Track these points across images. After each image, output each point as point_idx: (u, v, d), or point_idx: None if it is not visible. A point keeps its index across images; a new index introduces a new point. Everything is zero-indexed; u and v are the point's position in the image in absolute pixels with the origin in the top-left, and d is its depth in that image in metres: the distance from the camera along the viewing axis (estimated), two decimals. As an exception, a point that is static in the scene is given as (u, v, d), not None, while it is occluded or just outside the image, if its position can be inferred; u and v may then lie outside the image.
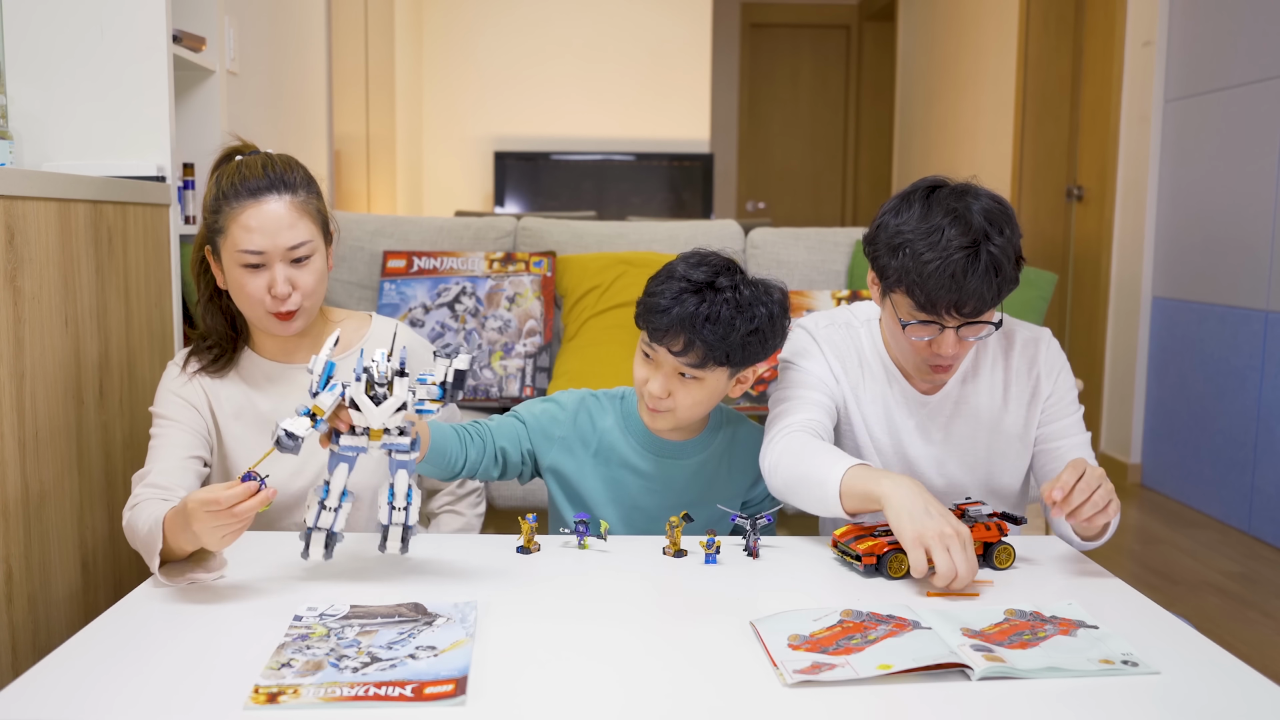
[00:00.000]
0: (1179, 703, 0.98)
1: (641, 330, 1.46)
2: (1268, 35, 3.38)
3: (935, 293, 1.35)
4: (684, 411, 1.46)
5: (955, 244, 1.34)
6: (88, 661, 1.03)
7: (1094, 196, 4.43)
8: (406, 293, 2.60)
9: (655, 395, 1.44)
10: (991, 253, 1.34)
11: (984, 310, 1.38)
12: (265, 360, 1.59)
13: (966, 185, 1.42)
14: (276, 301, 1.48)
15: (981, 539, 1.34)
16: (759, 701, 0.96)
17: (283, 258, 1.48)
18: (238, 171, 1.50)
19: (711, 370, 1.42)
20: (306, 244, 1.49)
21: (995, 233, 1.36)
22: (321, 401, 1.18)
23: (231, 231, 1.47)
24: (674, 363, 1.42)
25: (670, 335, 1.40)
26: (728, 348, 1.40)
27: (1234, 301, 3.52)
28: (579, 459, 1.54)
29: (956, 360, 1.46)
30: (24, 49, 2.10)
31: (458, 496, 1.75)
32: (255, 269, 1.47)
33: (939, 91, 6.13)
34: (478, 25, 6.04)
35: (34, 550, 1.57)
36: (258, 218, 1.46)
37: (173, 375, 1.58)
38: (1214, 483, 3.61)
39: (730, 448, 1.57)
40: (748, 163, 7.79)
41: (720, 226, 2.91)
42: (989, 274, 1.34)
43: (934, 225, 1.36)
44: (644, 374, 1.46)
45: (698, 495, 1.54)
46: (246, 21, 2.88)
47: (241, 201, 1.47)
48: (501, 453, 1.51)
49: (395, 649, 1.04)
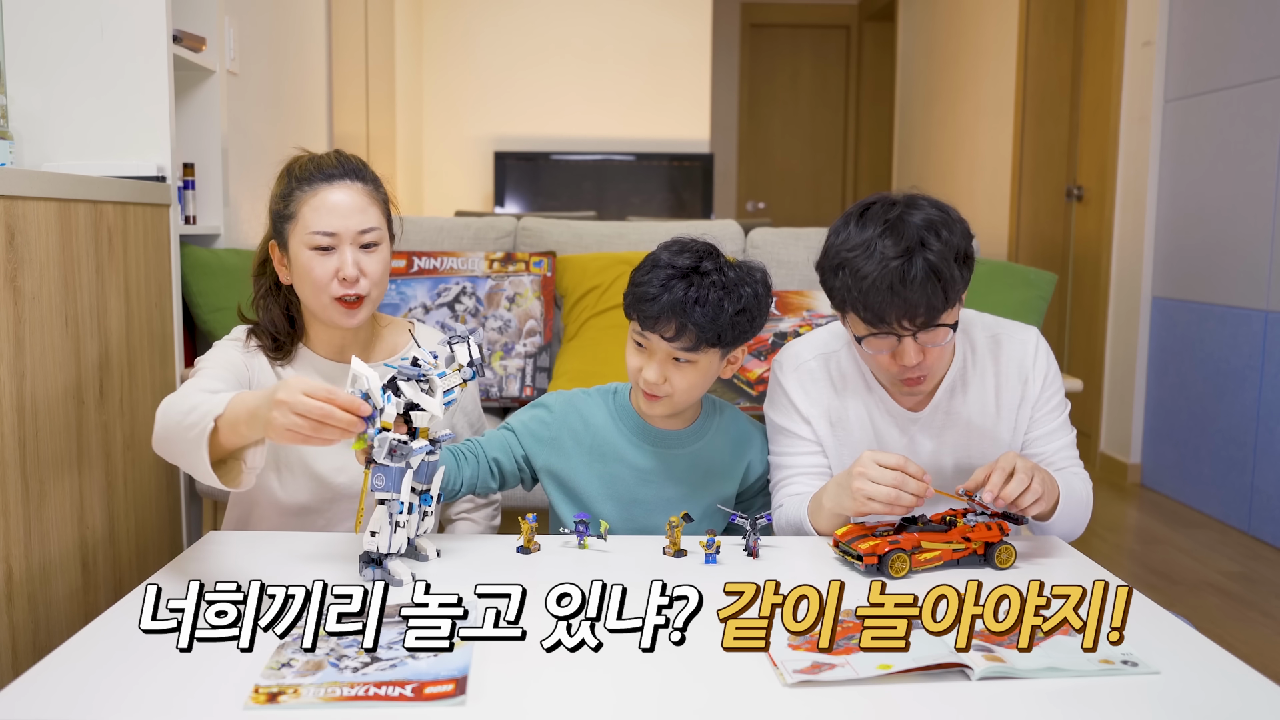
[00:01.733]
0: (1179, 703, 0.98)
1: (631, 320, 1.48)
2: (1268, 35, 3.38)
3: (878, 306, 1.36)
4: (680, 395, 1.48)
5: (890, 254, 1.34)
6: (88, 661, 1.03)
7: (1094, 196, 4.43)
8: (406, 293, 2.60)
9: (651, 382, 1.46)
10: (928, 259, 1.34)
11: (935, 316, 1.38)
12: (321, 358, 1.59)
13: (909, 197, 1.42)
14: (344, 285, 1.49)
15: (983, 539, 1.34)
16: (759, 701, 0.96)
17: (353, 241, 1.50)
18: (312, 161, 1.53)
19: (704, 352, 1.45)
20: (375, 230, 1.52)
21: (932, 237, 1.35)
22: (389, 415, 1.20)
23: (303, 214, 1.49)
24: (667, 348, 1.44)
25: (662, 322, 1.42)
26: (718, 329, 1.42)
27: (1233, 301, 3.53)
28: (571, 458, 1.55)
29: (927, 369, 1.44)
30: (24, 49, 2.11)
31: (476, 505, 1.76)
32: (325, 251, 1.49)
33: (939, 91, 6.13)
34: (478, 25, 6.04)
35: (34, 550, 1.57)
36: (331, 200, 1.50)
37: (232, 343, 1.56)
38: (1214, 483, 3.61)
39: (723, 434, 1.58)
40: (748, 163, 7.79)
41: (720, 226, 2.91)
42: (929, 280, 1.34)
43: (867, 239, 1.37)
44: (638, 362, 1.48)
45: (696, 484, 1.55)
46: (246, 21, 2.88)
47: (314, 185, 1.50)
48: (495, 464, 1.54)
49: (395, 649, 1.04)
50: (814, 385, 1.56)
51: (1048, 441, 1.55)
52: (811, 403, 1.55)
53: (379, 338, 1.64)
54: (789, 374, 1.57)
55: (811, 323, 2.54)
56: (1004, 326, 1.58)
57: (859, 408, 1.54)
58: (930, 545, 1.32)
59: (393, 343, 1.65)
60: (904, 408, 1.53)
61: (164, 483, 2.08)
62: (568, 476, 1.55)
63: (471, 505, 1.75)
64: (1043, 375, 1.54)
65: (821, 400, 1.55)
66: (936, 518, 1.36)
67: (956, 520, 1.35)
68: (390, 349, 1.64)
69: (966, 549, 1.33)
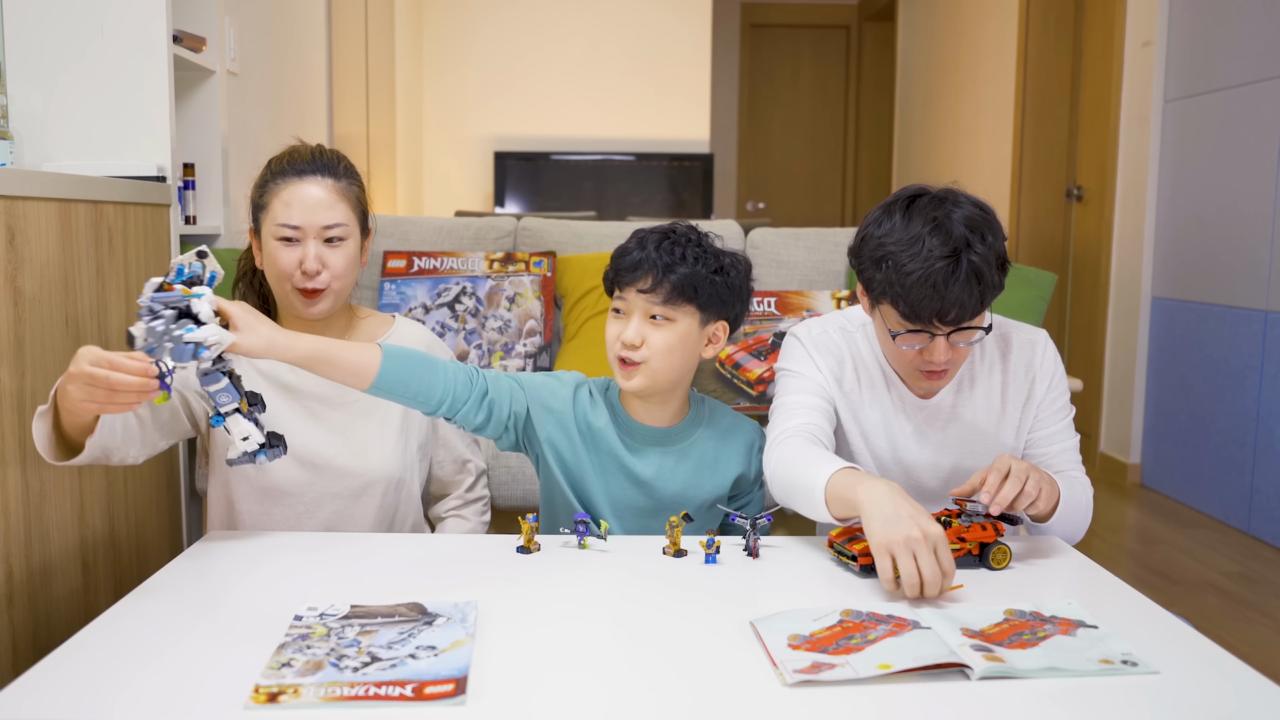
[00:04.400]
0: (1178, 702, 0.98)
1: (610, 295, 1.50)
2: (1267, 35, 3.38)
3: (919, 303, 1.36)
4: (657, 360, 1.45)
5: (936, 253, 1.34)
6: (88, 661, 1.03)
7: (1094, 196, 4.43)
8: (406, 293, 2.60)
9: (629, 342, 1.45)
10: (973, 261, 1.34)
11: (971, 317, 1.38)
12: None
13: (948, 192, 1.42)
14: (305, 277, 1.54)
15: (978, 539, 1.34)
16: (759, 701, 0.96)
17: (317, 235, 1.55)
18: (288, 155, 1.59)
19: (681, 310, 1.46)
20: (341, 226, 1.57)
21: (977, 240, 1.36)
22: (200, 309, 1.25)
23: (273, 206, 1.56)
24: (644, 304, 1.45)
25: (640, 273, 1.45)
26: (695, 280, 1.44)
27: (1233, 301, 3.53)
28: (572, 439, 1.53)
29: (951, 365, 1.46)
30: (24, 49, 2.11)
31: (465, 501, 1.75)
32: (290, 243, 1.55)
33: (939, 91, 6.13)
34: (478, 25, 6.04)
35: (34, 550, 1.57)
36: (298, 194, 1.55)
37: None
38: (1213, 483, 3.61)
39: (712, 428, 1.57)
40: (748, 163, 7.79)
41: (720, 226, 2.91)
42: (970, 282, 1.34)
43: (915, 235, 1.37)
44: (615, 330, 1.48)
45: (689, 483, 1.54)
46: (246, 21, 2.88)
47: (286, 179, 1.56)
48: (490, 402, 1.47)
49: (395, 649, 1.04)
50: (831, 351, 1.56)
51: (1050, 443, 1.55)
52: (826, 363, 1.55)
53: (356, 329, 1.66)
54: (807, 336, 1.58)
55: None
56: (1013, 327, 1.58)
57: (871, 392, 1.55)
58: (929, 545, 1.31)
59: (371, 334, 1.66)
60: (914, 394, 1.54)
61: (164, 483, 2.08)
62: (568, 456, 1.53)
63: (459, 502, 1.75)
64: (1049, 376, 1.54)
65: (836, 368, 1.56)
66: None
67: (951, 521, 1.35)
68: (368, 340, 1.64)
69: (962, 549, 1.33)
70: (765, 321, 2.57)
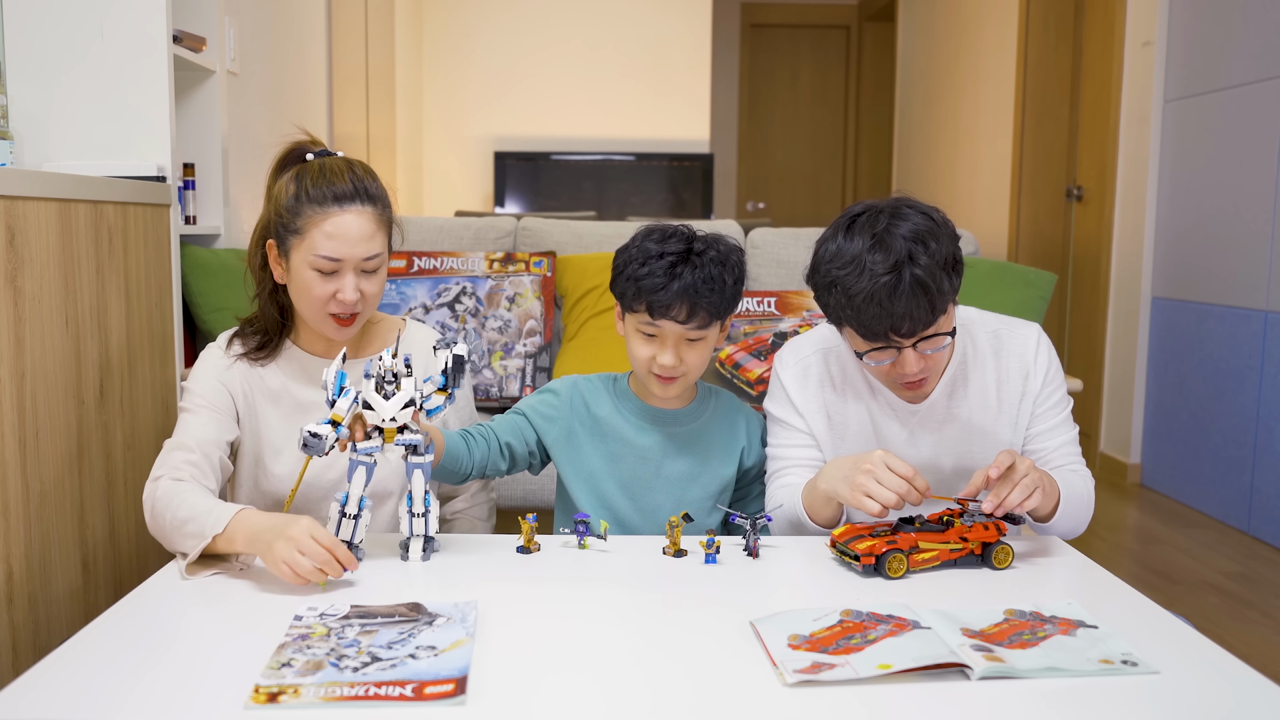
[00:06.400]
0: (1178, 702, 0.98)
1: (633, 313, 1.52)
2: (1267, 35, 3.38)
3: (871, 321, 1.36)
4: (694, 372, 1.55)
5: (879, 270, 1.34)
6: (88, 661, 1.03)
7: (1094, 196, 4.43)
8: (406, 293, 2.60)
9: (669, 365, 1.50)
10: (916, 274, 1.33)
11: (926, 326, 1.38)
12: (306, 354, 1.60)
13: (895, 205, 1.41)
14: (341, 306, 1.51)
15: (980, 539, 1.34)
16: (759, 701, 0.96)
17: (357, 267, 1.50)
18: (322, 175, 1.50)
19: (713, 327, 1.53)
20: (379, 256, 1.53)
21: (920, 250, 1.35)
22: (339, 408, 1.25)
23: (311, 235, 1.48)
24: (680, 331, 1.49)
25: (675, 307, 1.48)
26: (725, 301, 1.51)
27: (1233, 301, 3.53)
28: (577, 437, 1.59)
29: (929, 373, 1.45)
30: (24, 49, 2.11)
31: (473, 504, 1.76)
32: (327, 275, 1.49)
33: (939, 91, 6.13)
34: (478, 25, 6.04)
35: (34, 550, 1.57)
36: (341, 226, 1.48)
37: (214, 357, 1.58)
38: (1213, 483, 3.61)
39: (719, 413, 1.64)
40: (748, 163, 7.79)
41: (720, 226, 2.91)
42: (916, 293, 1.34)
43: (856, 255, 1.37)
44: (649, 351, 1.52)
45: (696, 460, 1.58)
46: (246, 21, 2.88)
47: (326, 207, 1.48)
48: (507, 447, 1.57)
49: (395, 649, 1.04)
50: (812, 380, 1.57)
51: (1048, 438, 1.54)
52: (808, 397, 1.57)
53: (369, 334, 1.65)
54: (788, 368, 1.60)
55: (811, 322, 2.54)
56: (1006, 323, 1.58)
57: (858, 403, 1.55)
58: (928, 545, 1.32)
59: (383, 339, 1.66)
60: (905, 401, 1.54)
61: (164, 483, 2.07)
62: (575, 453, 1.59)
63: (467, 504, 1.76)
64: (1044, 371, 1.54)
65: (819, 395, 1.57)
66: (934, 517, 1.36)
67: (954, 520, 1.35)
68: (380, 345, 1.64)
69: (964, 549, 1.33)
70: (765, 321, 2.57)
